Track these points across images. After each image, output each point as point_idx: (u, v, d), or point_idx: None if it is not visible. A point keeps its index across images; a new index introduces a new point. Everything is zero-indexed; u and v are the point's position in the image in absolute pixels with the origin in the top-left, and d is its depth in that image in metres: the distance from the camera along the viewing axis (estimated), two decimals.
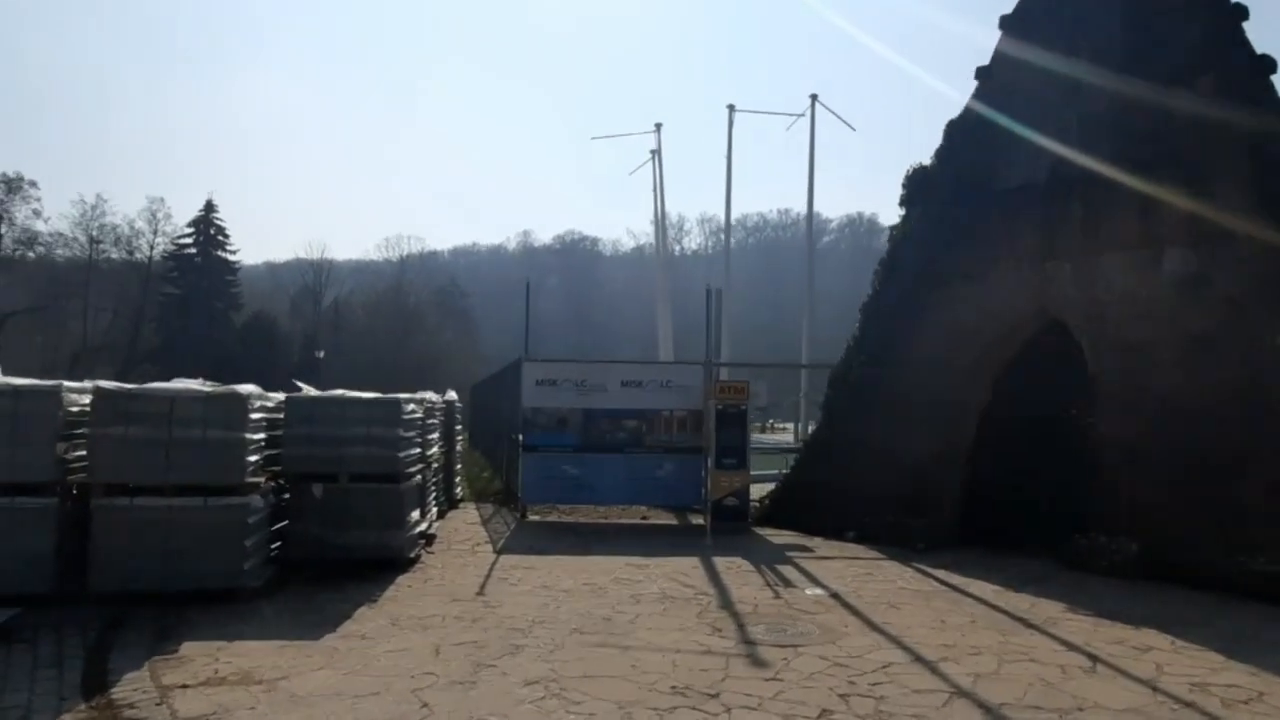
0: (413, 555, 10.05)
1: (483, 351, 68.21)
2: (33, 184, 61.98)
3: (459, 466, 17.17)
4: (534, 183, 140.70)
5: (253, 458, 8.59)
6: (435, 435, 13.02)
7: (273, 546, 9.58)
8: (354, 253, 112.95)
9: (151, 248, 69.93)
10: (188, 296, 65.11)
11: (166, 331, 65.40)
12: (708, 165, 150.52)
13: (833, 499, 13.39)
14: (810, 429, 17.23)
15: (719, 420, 13.72)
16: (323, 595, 8.44)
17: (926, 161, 14.09)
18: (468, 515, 15.02)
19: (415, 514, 10.42)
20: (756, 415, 15.37)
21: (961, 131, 13.48)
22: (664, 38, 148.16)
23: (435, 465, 13.07)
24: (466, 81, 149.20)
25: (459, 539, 12.10)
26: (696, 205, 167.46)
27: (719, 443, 13.70)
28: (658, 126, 32.23)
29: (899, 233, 14.25)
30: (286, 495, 9.64)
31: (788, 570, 10.20)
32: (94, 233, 67.63)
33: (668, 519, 14.92)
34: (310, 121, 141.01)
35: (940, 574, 10.09)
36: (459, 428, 16.96)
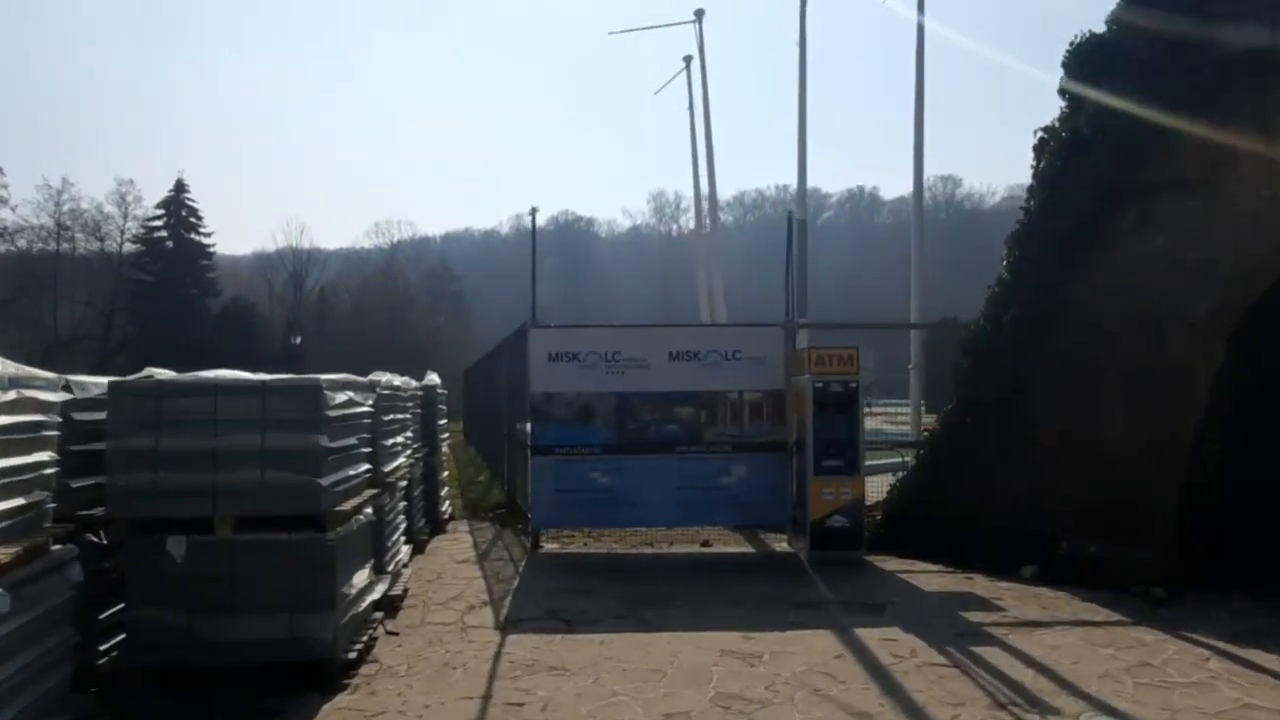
0: (352, 654, 5.81)
1: (477, 335, 64.02)
2: None
3: (445, 475, 12.91)
4: (527, 165, 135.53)
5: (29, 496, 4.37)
6: (404, 438, 8.77)
7: (103, 648, 5.41)
8: (343, 241, 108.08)
9: (122, 233, 65.39)
10: (159, 283, 60.59)
11: (138, 321, 60.96)
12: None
13: (987, 516, 9.19)
14: (926, 412, 13.02)
15: (817, 403, 9.48)
16: None
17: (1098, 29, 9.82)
18: (457, 544, 10.78)
19: (360, 577, 6.19)
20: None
21: None
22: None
23: (405, 483, 8.83)
24: (455, 64, 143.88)
25: (441, 597, 7.86)
26: (692, 184, 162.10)
27: (818, 436, 9.46)
28: (698, 15, 24.24)
29: (1063, 132, 9.93)
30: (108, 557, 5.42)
31: (998, 657, 5.98)
32: (60, 218, 63.08)
33: (737, 544, 10.69)
34: (292, 108, 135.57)
35: (1254, 656, 5.91)
36: (443, 421, 12.70)
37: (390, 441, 7.88)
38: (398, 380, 8.80)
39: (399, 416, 8.83)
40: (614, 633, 6.60)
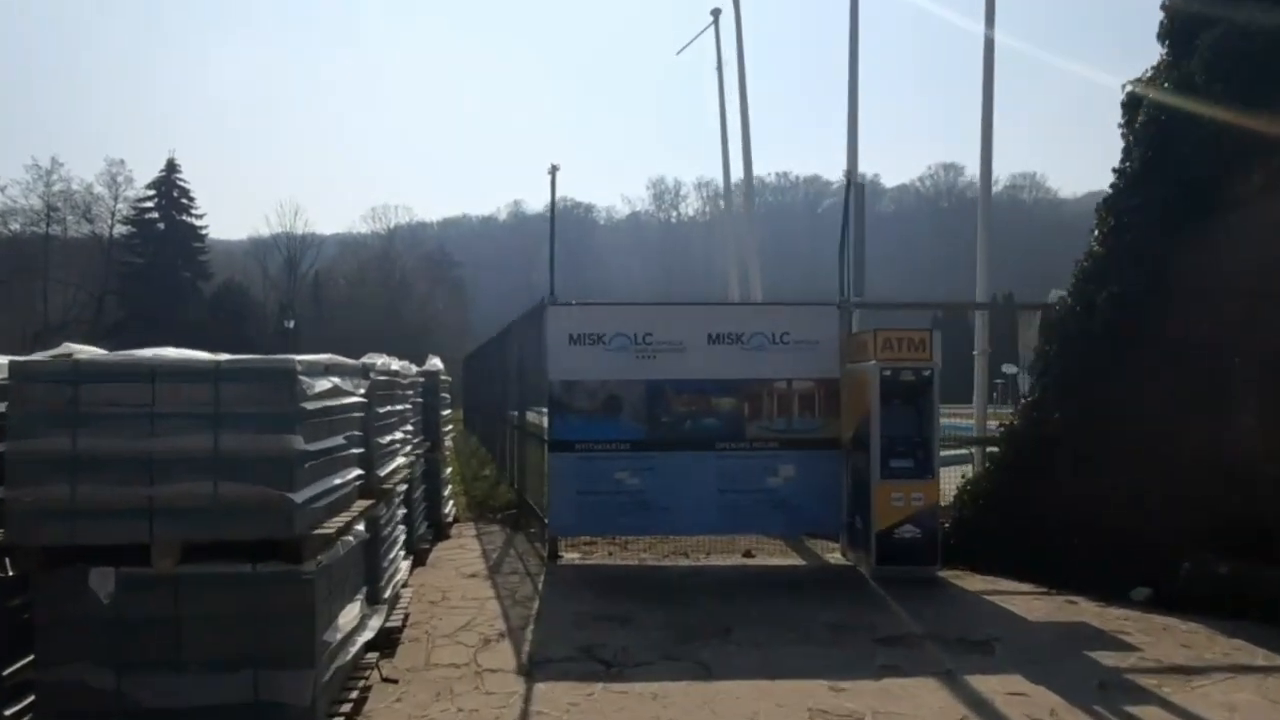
0: (338, 718, 4.47)
1: (474, 322, 62.64)
2: None
3: (449, 471, 11.56)
4: (526, 151, 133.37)
5: None
6: (403, 433, 7.44)
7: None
8: (340, 226, 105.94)
9: (113, 215, 63.78)
10: (151, 266, 59.09)
11: (129, 304, 59.46)
12: (704, 129, 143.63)
13: (1083, 527, 7.88)
14: (994, 402, 11.61)
15: (885, 394, 8.14)
16: None
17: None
18: (464, 553, 9.45)
19: (349, 615, 4.85)
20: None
21: None
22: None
23: (405, 487, 7.50)
24: (454, 48, 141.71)
25: (449, 626, 6.53)
26: (693, 170, 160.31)
27: (886, 432, 8.13)
28: None
29: (1165, 81, 8.57)
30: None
31: None
32: (50, 199, 61.44)
33: (783, 555, 9.38)
34: (288, 93, 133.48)
35: None
36: (446, 412, 11.35)
37: (387, 439, 6.54)
38: (396, 364, 7.45)
39: (398, 408, 7.49)
40: (667, 679, 5.27)
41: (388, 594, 6.20)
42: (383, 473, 6.15)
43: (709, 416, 9.00)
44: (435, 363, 10.61)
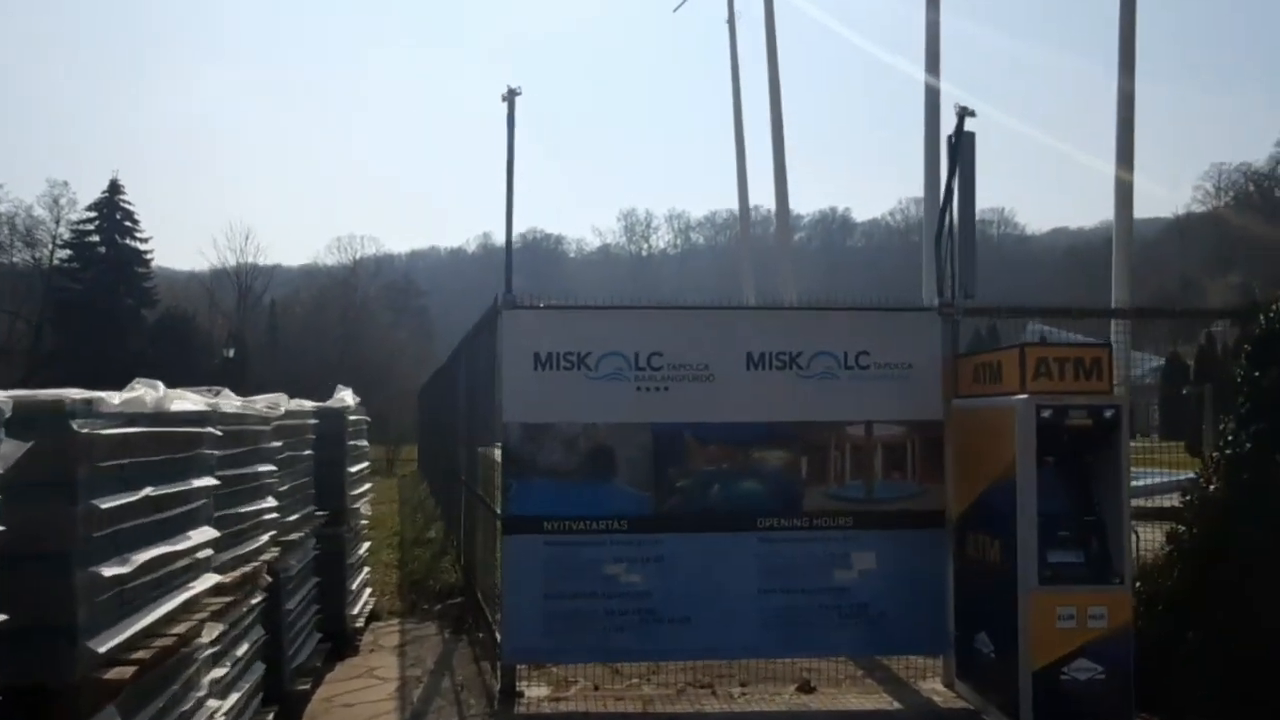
0: None
1: (439, 353, 59.35)
2: None
3: (364, 550, 8.28)
4: (496, 182, 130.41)
5: None
6: (264, 506, 4.27)
7: None
8: (305, 258, 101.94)
9: (54, 239, 59.95)
10: (91, 291, 55.17)
11: (66, 333, 55.43)
12: (678, 160, 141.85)
13: None
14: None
15: (1044, 447, 5.08)
16: None
17: None
18: (370, 687, 6.22)
19: None
20: None
21: None
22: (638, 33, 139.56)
23: (259, 599, 4.29)
24: (418, 74, 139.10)
25: None
26: (665, 202, 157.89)
27: (1045, 507, 5.06)
28: None
29: None
30: None
31: None
32: None
33: (858, 687, 6.22)
34: (249, 120, 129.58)
35: None
36: (361, 467, 8.11)
37: (198, 538, 3.37)
38: (231, 402, 4.28)
39: (247, 471, 4.36)
40: None
41: None
42: (187, 597, 2.97)
43: (748, 479, 5.92)
44: (344, 397, 7.41)
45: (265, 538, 4.98)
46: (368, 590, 8.13)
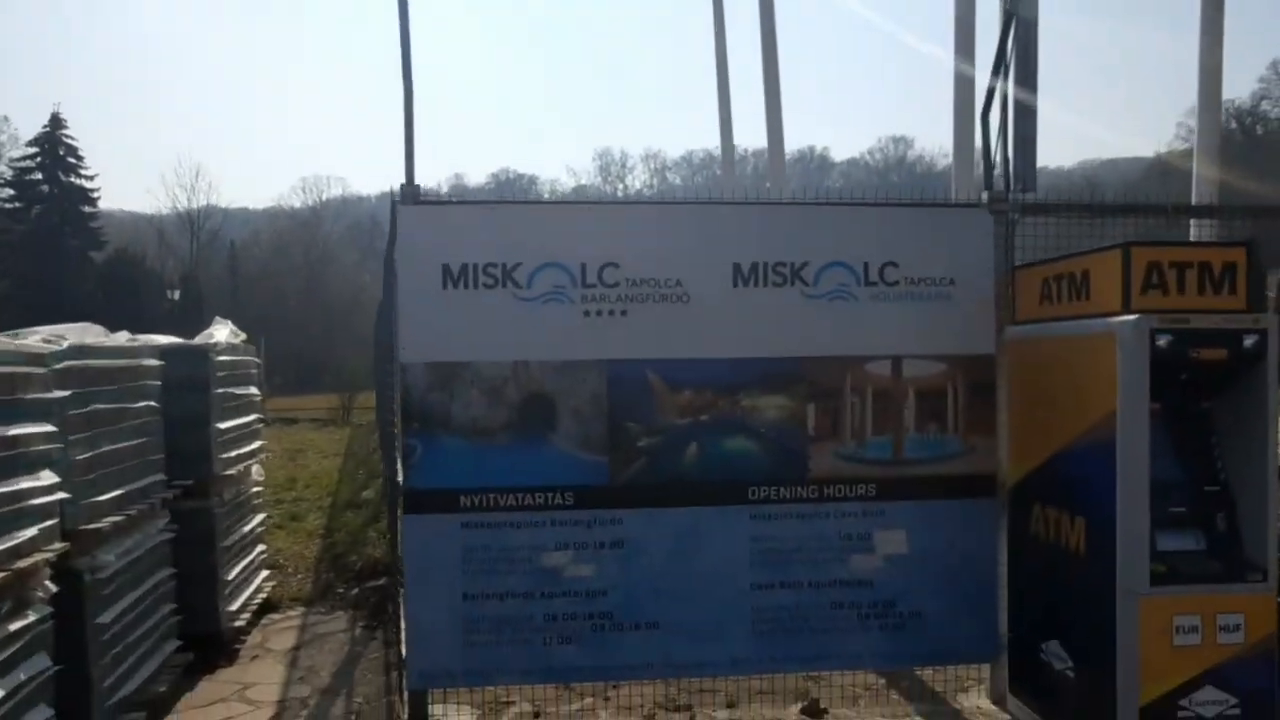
0: None
1: None
2: None
3: (259, 522, 6.69)
4: (467, 121, 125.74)
5: None
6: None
7: None
8: (270, 200, 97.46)
9: None
10: (34, 232, 52.37)
11: (9, 276, 52.71)
12: (653, 97, 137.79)
13: None
14: None
15: (1158, 388, 3.58)
16: None
17: None
18: (241, 711, 4.71)
19: None
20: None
21: None
22: None
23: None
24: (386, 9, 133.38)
25: None
26: (640, 141, 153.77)
27: (1158, 474, 3.58)
28: None
29: None
30: None
31: None
32: None
33: (878, 708, 4.78)
34: (216, 57, 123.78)
35: None
36: (246, 420, 6.46)
37: None
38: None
39: None
40: None
41: None
42: None
43: (735, 436, 4.37)
44: (213, 333, 5.75)
45: (34, 530, 3.42)
46: (263, 575, 6.58)
